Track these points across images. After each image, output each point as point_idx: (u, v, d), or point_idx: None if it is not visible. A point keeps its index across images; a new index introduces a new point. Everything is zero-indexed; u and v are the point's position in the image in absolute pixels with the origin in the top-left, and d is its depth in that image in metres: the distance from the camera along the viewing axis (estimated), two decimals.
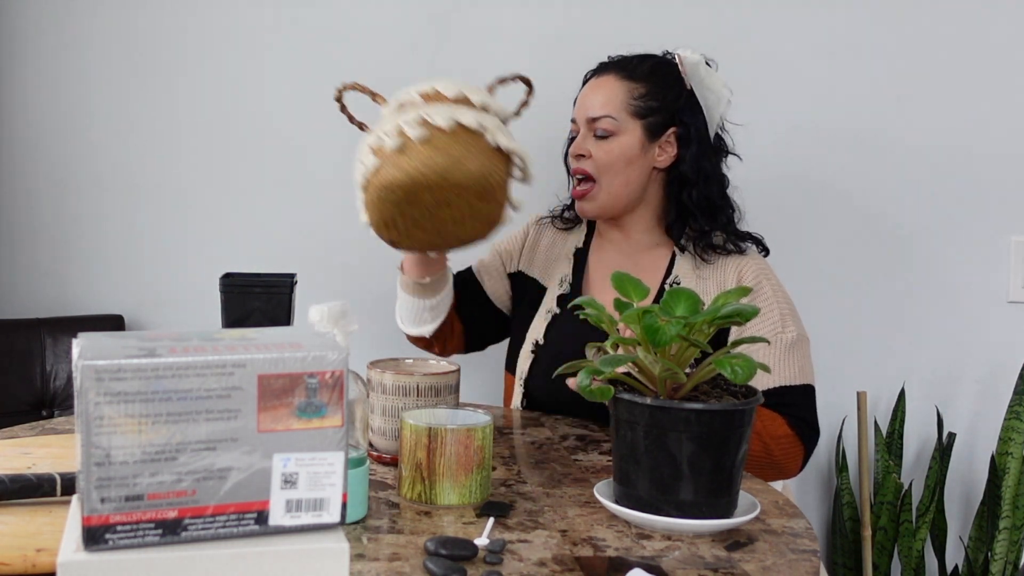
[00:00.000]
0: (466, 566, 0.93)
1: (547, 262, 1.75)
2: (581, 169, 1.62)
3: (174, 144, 2.15)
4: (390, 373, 1.26)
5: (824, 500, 2.15)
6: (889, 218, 2.07)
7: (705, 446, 1.03)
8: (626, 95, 1.60)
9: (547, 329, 1.65)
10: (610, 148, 1.60)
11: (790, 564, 0.98)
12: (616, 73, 1.63)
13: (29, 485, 1.01)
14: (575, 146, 1.63)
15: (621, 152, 1.60)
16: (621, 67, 1.64)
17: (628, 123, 1.60)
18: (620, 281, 1.14)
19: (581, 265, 1.71)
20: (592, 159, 1.61)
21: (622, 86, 1.61)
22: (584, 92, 1.66)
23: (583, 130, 1.63)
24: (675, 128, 1.62)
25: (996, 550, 1.89)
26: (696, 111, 1.63)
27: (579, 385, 1.05)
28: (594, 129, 1.61)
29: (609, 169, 1.60)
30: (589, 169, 1.61)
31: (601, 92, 1.62)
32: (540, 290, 1.73)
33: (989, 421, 2.06)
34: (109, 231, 2.16)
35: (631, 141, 1.60)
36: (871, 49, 2.04)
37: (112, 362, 0.73)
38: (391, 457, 1.27)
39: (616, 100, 1.60)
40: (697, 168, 1.62)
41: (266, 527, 0.79)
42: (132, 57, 2.13)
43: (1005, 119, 2.02)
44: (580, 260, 1.72)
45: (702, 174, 1.62)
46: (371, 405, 1.28)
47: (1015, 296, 2.04)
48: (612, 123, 1.60)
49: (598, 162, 1.60)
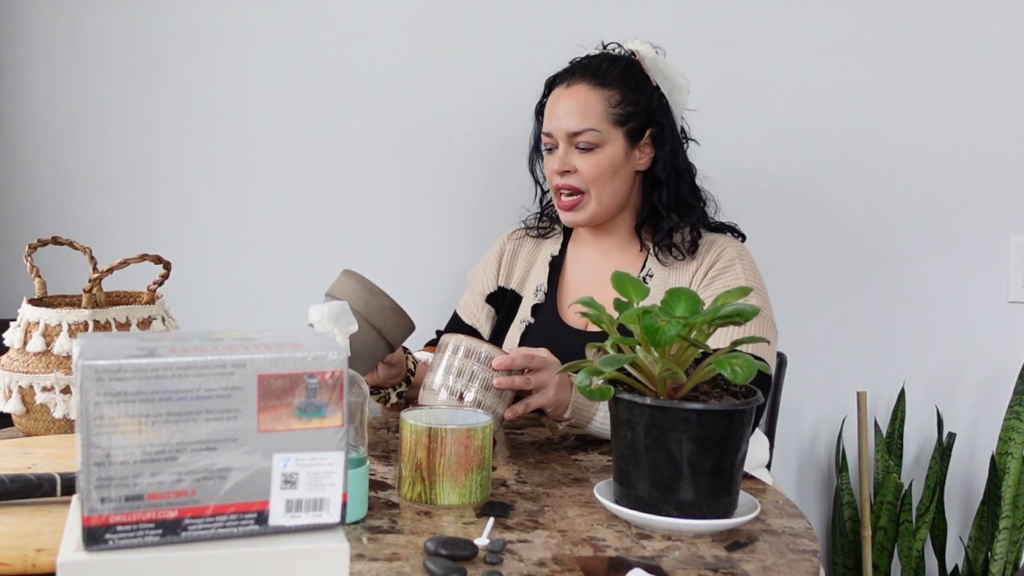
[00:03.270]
0: (466, 566, 0.93)
1: (524, 272, 1.74)
2: (567, 185, 1.59)
3: (174, 144, 2.14)
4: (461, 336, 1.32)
5: (824, 500, 2.15)
6: (889, 218, 2.07)
7: (705, 446, 1.03)
8: (604, 104, 1.58)
9: (521, 339, 1.65)
10: (597, 161, 1.58)
11: (790, 564, 0.98)
12: (588, 81, 1.59)
13: (29, 485, 1.01)
14: (559, 162, 1.59)
15: (609, 163, 1.58)
16: (591, 74, 1.60)
17: (611, 133, 1.58)
18: (620, 281, 1.14)
19: (556, 273, 1.71)
20: (578, 173, 1.58)
21: (598, 95, 1.58)
22: (556, 103, 1.61)
23: (564, 144, 1.59)
24: (651, 129, 1.61)
25: (996, 550, 1.89)
26: (665, 107, 1.62)
27: (579, 385, 1.05)
28: (576, 143, 1.58)
29: (597, 180, 1.58)
30: (577, 184, 1.59)
31: (577, 104, 1.58)
32: (517, 300, 1.72)
33: (989, 421, 2.06)
34: (109, 231, 2.15)
35: (616, 150, 1.59)
36: (871, 49, 2.04)
37: (112, 362, 0.73)
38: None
39: (596, 111, 1.57)
40: (671, 167, 1.61)
41: (266, 527, 0.79)
42: (132, 57, 2.13)
43: (1005, 119, 2.02)
44: (555, 268, 1.71)
45: (674, 173, 1.62)
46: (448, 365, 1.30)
47: (1015, 296, 2.04)
48: (596, 135, 1.57)
49: (586, 176, 1.58)
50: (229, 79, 2.13)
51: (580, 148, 1.58)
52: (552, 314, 1.66)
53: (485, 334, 1.73)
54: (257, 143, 2.14)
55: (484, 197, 2.12)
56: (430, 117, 2.11)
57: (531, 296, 1.70)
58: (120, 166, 2.15)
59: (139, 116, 2.14)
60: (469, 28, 2.10)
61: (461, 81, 2.10)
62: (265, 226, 2.14)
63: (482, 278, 1.77)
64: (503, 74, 2.09)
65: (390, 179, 2.13)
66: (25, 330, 1.38)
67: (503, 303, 1.74)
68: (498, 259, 1.76)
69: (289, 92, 2.13)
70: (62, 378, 1.34)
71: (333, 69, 2.12)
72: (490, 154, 2.11)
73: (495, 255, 1.77)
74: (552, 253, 1.73)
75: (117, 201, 2.16)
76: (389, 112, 2.12)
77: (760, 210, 2.06)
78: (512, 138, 2.04)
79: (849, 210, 2.08)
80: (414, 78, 2.12)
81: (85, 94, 2.13)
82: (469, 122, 2.11)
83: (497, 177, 2.11)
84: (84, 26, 2.12)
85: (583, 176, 1.58)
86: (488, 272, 1.76)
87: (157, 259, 1.42)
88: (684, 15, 2.06)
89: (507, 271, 1.75)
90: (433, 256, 2.13)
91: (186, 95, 2.13)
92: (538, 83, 1.71)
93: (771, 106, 2.06)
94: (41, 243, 1.48)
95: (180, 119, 2.14)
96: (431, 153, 2.12)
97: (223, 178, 2.15)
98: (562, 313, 1.66)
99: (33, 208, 2.16)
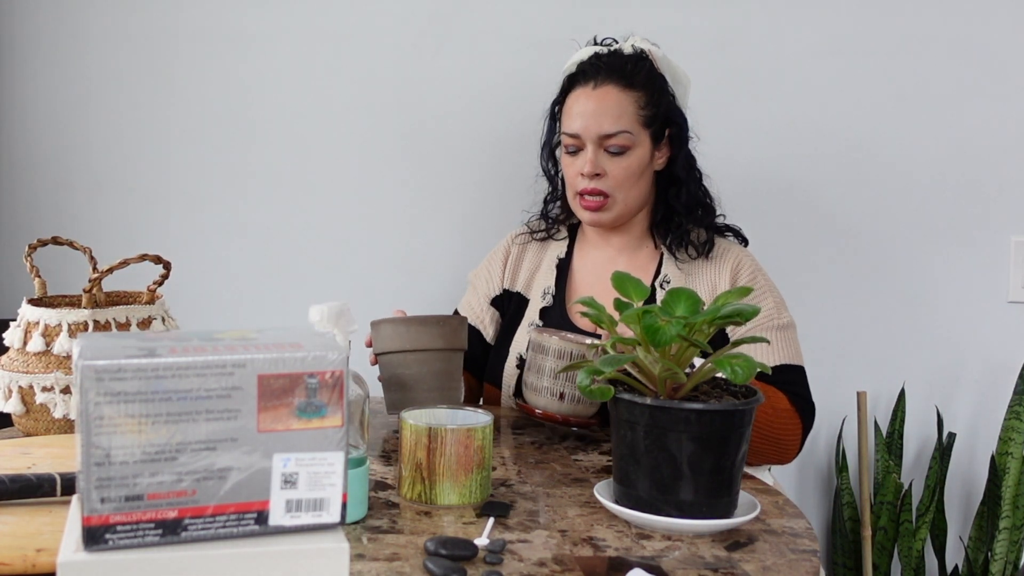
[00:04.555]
0: (466, 566, 0.93)
1: (530, 275, 1.72)
2: (596, 189, 1.56)
3: (174, 145, 2.14)
4: (556, 338, 1.38)
5: (824, 500, 2.15)
6: (889, 218, 2.07)
7: (705, 446, 1.03)
8: (634, 107, 1.56)
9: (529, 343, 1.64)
10: (628, 164, 1.56)
11: (790, 564, 0.98)
12: (616, 82, 1.57)
13: (29, 485, 1.01)
14: (590, 164, 1.55)
15: (638, 166, 1.57)
16: (619, 75, 1.57)
17: (640, 135, 1.57)
18: (620, 281, 1.14)
19: (564, 275, 1.69)
20: (608, 176, 1.56)
21: (628, 97, 1.56)
22: (583, 104, 1.57)
23: (592, 147, 1.56)
24: (670, 129, 1.61)
25: (996, 550, 1.89)
26: (678, 106, 1.63)
27: (579, 385, 1.05)
28: (607, 145, 1.55)
29: (625, 184, 1.57)
30: (605, 188, 1.56)
31: (609, 106, 1.55)
32: (523, 302, 1.70)
33: (989, 421, 2.06)
34: (109, 231, 2.15)
35: (644, 152, 1.58)
36: (870, 49, 2.04)
37: (112, 362, 0.73)
38: (561, 417, 1.38)
39: (628, 114, 1.55)
40: (688, 167, 1.62)
41: (266, 527, 0.79)
42: (132, 58, 2.13)
43: (1005, 119, 2.02)
44: (563, 270, 1.69)
45: (691, 172, 1.62)
46: (540, 367, 1.38)
47: (1015, 296, 2.04)
48: (628, 138, 1.55)
49: (615, 179, 1.56)
50: (229, 79, 2.13)
51: (611, 151, 1.56)
52: (561, 316, 1.65)
53: (489, 337, 1.72)
54: (257, 143, 2.14)
55: (484, 198, 2.12)
56: (430, 118, 2.11)
57: (539, 299, 1.67)
58: (120, 166, 2.15)
59: (139, 116, 2.14)
60: (470, 28, 2.10)
61: (462, 81, 2.10)
62: (265, 226, 2.14)
63: (486, 279, 1.75)
64: (504, 74, 2.08)
65: (390, 179, 2.13)
66: (25, 330, 1.38)
67: (508, 306, 1.72)
68: (503, 261, 1.74)
69: (289, 92, 2.13)
70: (62, 378, 1.34)
71: (333, 70, 2.12)
72: (490, 155, 2.11)
73: (500, 257, 1.75)
74: (559, 255, 1.71)
75: (117, 201, 2.16)
76: (389, 112, 2.12)
77: (760, 210, 2.06)
78: (512, 138, 2.04)
79: (849, 210, 2.08)
80: (415, 79, 2.11)
81: (85, 94, 2.13)
82: (469, 123, 2.11)
83: (497, 178, 2.11)
84: (84, 27, 2.12)
85: (612, 179, 1.56)
86: (493, 274, 1.74)
87: (157, 259, 1.42)
88: (684, 15, 2.06)
89: (512, 274, 1.73)
90: (433, 257, 2.13)
91: (186, 95, 2.13)
92: (538, 83, 1.71)
93: (771, 106, 2.06)
94: (41, 243, 1.49)
95: (180, 119, 2.14)
96: (431, 153, 2.12)
97: (223, 178, 2.15)
98: (571, 315, 1.64)
99: (33, 208, 2.16)
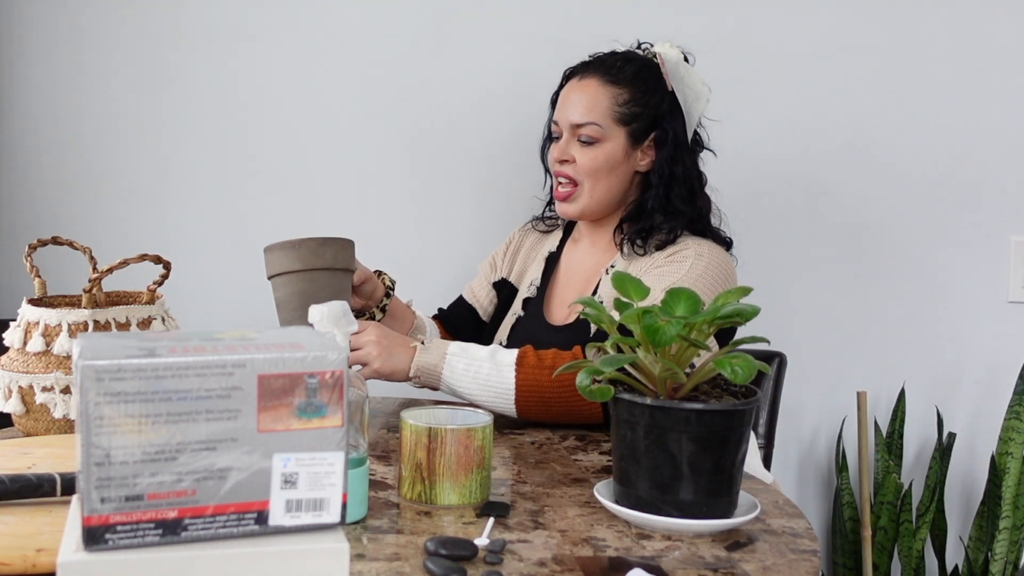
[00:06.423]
0: (466, 566, 0.93)
1: (524, 266, 1.78)
2: (564, 173, 1.62)
3: (174, 145, 2.14)
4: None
5: (824, 500, 2.15)
6: (889, 218, 2.07)
7: (705, 446, 1.03)
8: (611, 101, 1.59)
9: (510, 333, 1.68)
10: (595, 155, 1.59)
11: (790, 564, 0.98)
12: (600, 76, 1.61)
13: (29, 485, 1.01)
14: (559, 150, 1.62)
15: (606, 159, 1.60)
16: (605, 69, 1.61)
17: (613, 130, 1.59)
18: (620, 281, 1.14)
19: (551, 269, 1.74)
20: (576, 164, 1.60)
21: (606, 92, 1.59)
22: (567, 94, 1.63)
23: (567, 135, 1.62)
24: (655, 132, 1.61)
25: (996, 550, 1.89)
26: (676, 113, 1.62)
27: (579, 385, 1.05)
28: (578, 135, 1.60)
29: (592, 175, 1.60)
30: (572, 174, 1.61)
31: (585, 97, 1.60)
32: (514, 292, 1.77)
33: (989, 421, 2.06)
34: (109, 231, 2.15)
35: (615, 148, 1.60)
36: (870, 48, 2.04)
37: (112, 362, 0.73)
38: None
39: (600, 107, 1.59)
40: (665, 173, 1.60)
41: (266, 527, 0.79)
42: (132, 58, 2.13)
43: (1005, 119, 2.02)
44: (551, 264, 1.74)
45: (666, 178, 1.60)
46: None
47: (1015, 296, 2.04)
48: (597, 130, 1.59)
49: (582, 168, 1.60)
50: (230, 79, 2.13)
51: (581, 140, 1.60)
52: (537, 309, 1.70)
53: (486, 316, 1.79)
54: (258, 142, 2.14)
55: (486, 198, 2.12)
56: (432, 118, 2.11)
57: (525, 290, 1.74)
58: (120, 166, 2.15)
59: (139, 116, 2.14)
60: (473, 26, 2.10)
61: (464, 81, 2.10)
62: (266, 226, 2.14)
63: (491, 264, 1.82)
64: (506, 73, 2.09)
65: (392, 179, 2.13)
66: (25, 330, 1.38)
67: (503, 294, 1.79)
68: (506, 250, 1.82)
69: (290, 91, 2.13)
70: (62, 378, 1.34)
71: (334, 68, 2.12)
72: (494, 152, 2.12)
73: (505, 245, 1.83)
74: (551, 249, 1.76)
75: (117, 201, 2.16)
76: (391, 112, 2.12)
77: (760, 210, 2.06)
78: (516, 136, 2.05)
79: (849, 210, 2.08)
80: (417, 78, 2.12)
81: (85, 94, 2.13)
82: (472, 122, 2.11)
83: (500, 178, 2.11)
84: (84, 27, 2.12)
85: (579, 168, 1.60)
86: (497, 260, 1.82)
87: (157, 259, 1.42)
88: (684, 15, 2.06)
89: (510, 263, 1.80)
90: (435, 256, 2.13)
91: (187, 94, 2.13)
92: (541, 82, 1.72)
93: (771, 106, 2.06)
94: (41, 243, 1.48)
95: (181, 118, 2.14)
96: (434, 153, 2.12)
97: (223, 178, 2.15)
98: (545, 309, 1.69)
99: (33, 208, 2.16)
